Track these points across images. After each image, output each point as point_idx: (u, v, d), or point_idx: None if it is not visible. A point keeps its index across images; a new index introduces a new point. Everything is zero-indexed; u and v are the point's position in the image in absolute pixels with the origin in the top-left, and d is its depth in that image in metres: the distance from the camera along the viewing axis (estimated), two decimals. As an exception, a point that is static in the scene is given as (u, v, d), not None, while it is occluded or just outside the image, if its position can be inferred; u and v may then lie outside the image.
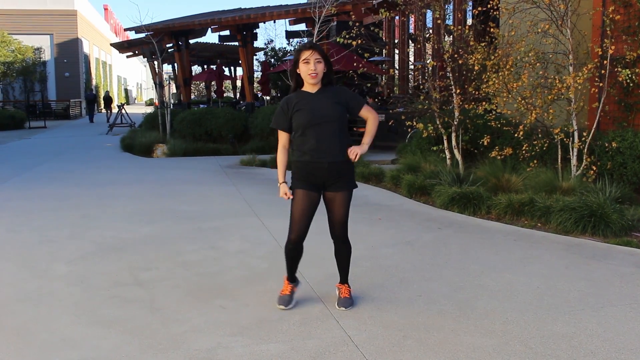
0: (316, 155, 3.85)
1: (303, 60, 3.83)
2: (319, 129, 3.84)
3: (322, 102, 3.87)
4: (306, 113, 3.84)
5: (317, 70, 3.82)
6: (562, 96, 7.61)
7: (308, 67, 3.82)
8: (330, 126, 3.85)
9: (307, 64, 3.82)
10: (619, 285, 4.56)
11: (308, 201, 3.89)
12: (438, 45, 9.27)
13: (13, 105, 31.02)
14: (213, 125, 15.12)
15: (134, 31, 19.19)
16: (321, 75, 3.86)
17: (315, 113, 3.84)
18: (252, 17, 16.60)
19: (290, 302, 4.10)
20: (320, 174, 3.88)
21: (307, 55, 3.81)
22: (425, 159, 9.49)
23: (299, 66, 3.87)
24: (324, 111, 3.85)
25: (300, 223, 3.90)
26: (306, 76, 3.85)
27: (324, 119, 3.84)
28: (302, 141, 3.88)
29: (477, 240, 5.91)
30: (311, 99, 3.89)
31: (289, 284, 4.17)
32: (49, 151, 15.51)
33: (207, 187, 9.29)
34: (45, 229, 6.50)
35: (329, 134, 3.84)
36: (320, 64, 3.84)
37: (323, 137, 3.84)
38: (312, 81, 3.85)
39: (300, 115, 3.85)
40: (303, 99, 3.90)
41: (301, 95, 3.92)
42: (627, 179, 7.28)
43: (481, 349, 3.44)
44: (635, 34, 8.01)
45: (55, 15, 35.17)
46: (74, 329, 3.77)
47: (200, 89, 45.31)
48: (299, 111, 3.86)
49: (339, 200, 3.95)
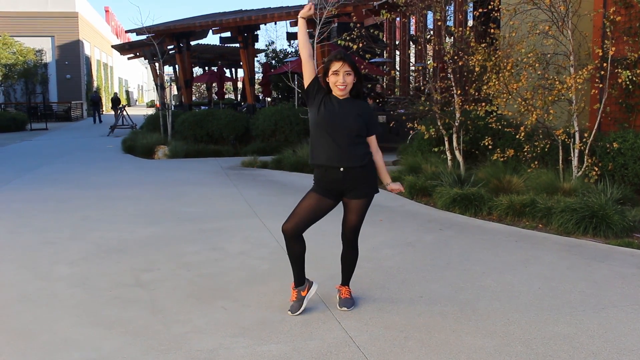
0: (331, 159, 3.83)
1: (332, 72, 3.83)
2: (335, 133, 3.82)
3: (345, 109, 3.86)
4: (326, 114, 3.83)
5: (345, 82, 3.81)
6: (563, 97, 7.61)
7: (337, 79, 3.82)
8: (346, 132, 3.82)
9: (336, 75, 3.82)
10: (621, 286, 4.56)
11: (318, 203, 3.88)
12: (439, 46, 9.28)
13: (14, 107, 31.06)
14: (214, 126, 15.13)
15: (135, 33, 19.20)
16: (350, 87, 3.86)
17: (336, 117, 3.82)
18: (253, 18, 16.61)
19: (300, 308, 4.03)
20: (336, 179, 3.86)
21: (337, 67, 3.80)
22: (426, 160, 9.49)
23: (329, 76, 3.86)
24: (343, 118, 3.83)
25: (299, 216, 3.86)
26: (334, 87, 3.85)
27: (342, 126, 3.82)
28: (316, 142, 3.89)
29: (478, 242, 5.92)
30: (337, 103, 3.87)
31: (294, 290, 4.09)
32: (51, 153, 15.53)
33: (209, 189, 9.30)
34: (46, 231, 6.51)
35: (345, 140, 3.82)
36: (350, 76, 3.83)
37: (339, 142, 3.82)
38: (340, 93, 3.86)
39: (322, 112, 3.84)
40: (329, 100, 3.89)
41: (330, 96, 3.92)
42: (628, 180, 7.28)
43: (482, 350, 3.44)
44: (636, 35, 8.01)
45: (56, 18, 35.23)
46: (75, 330, 3.77)
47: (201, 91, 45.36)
48: (324, 107, 3.85)
49: (353, 207, 3.95)
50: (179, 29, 18.68)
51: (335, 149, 3.82)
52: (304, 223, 3.88)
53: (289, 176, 10.77)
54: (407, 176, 8.70)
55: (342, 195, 3.94)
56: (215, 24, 17.67)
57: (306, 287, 4.08)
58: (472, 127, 9.43)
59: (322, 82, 3.96)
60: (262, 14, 17.10)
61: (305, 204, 3.88)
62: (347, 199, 3.94)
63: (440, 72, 9.33)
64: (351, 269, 4.18)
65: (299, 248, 3.94)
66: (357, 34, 9.77)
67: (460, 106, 8.79)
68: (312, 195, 3.91)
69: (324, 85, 3.96)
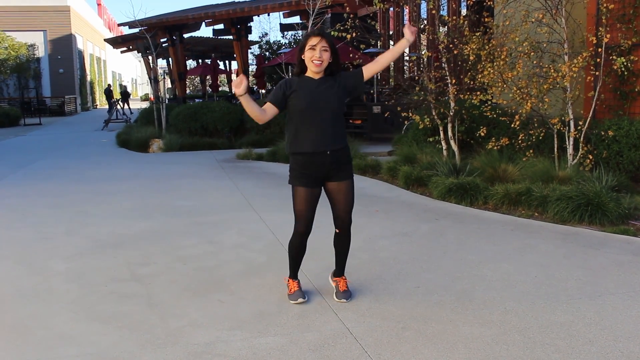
0: (317, 144, 3.77)
1: (309, 47, 3.74)
2: (319, 116, 3.77)
3: (322, 88, 3.80)
4: (306, 97, 3.76)
5: (322, 58, 3.73)
6: (558, 85, 7.61)
7: (314, 53, 3.73)
8: (330, 114, 3.79)
9: (312, 50, 3.74)
10: (617, 273, 4.57)
11: (311, 196, 3.84)
12: (433, 36, 9.25)
13: (7, 102, 30.91)
14: (209, 119, 15.08)
15: (127, 26, 19.12)
16: (326, 64, 3.78)
17: (314, 98, 3.76)
18: (246, 10, 16.54)
19: (305, 296, 4.07)
20: (322, 164, 3.81)
21: (315, 42, 3.73)
22: (421, 150, 9.49)
23: (304, 52, 3.78)
24: (324, 98, 3.78)
25: (307, 217, 3.86)
26: (310, 62, 3.76)
27: (324, 106, 3.77)
28: (300, 129, 3.80)
29: (474, 231, 5.92)
30: (312, 84, 3.80)
31: (294, 281, 4.13)
32: (45, 148, 15.46)
33: (204, 182, 9.28)
34: (42, 226, 6.49)
35: (328, 121, 3.79)
36: (327, 52, 3.75)
37: (323, 125, 3.78)
38: (315, 69, 3.77)
39: (299, 99, 3.76)
40: (304, 84, 3.81)
41: (303, 80, 3.84)
42: (623, 167, 7.29)
43: (480, 339, 3.44)
44: (629, 22, 8.00)
45: (48, 12, 34.99)
46: (72, 325, 3.76)
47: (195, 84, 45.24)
48: (298, 95, 3.77)
49: (345, 189, 3.90)
50: (171, 21, 18.60)
51: (320, 133, 3.77)
52: (312, 219, 3.89)
53: (284, 168, 10.74)
54: (402, 166, 8.69)
55: (325, 180, 3.89)
56: (208, 16, 17.60)
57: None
58: (467, 116, 9.42)
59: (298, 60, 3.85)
60: (255, 5, 17.03)
61: (303, 203, 3.84)
62: (334, 182, 3.89)
63: (435, 62, 9.32)
64: (346, 255, 4.16)
65: (304, 252, 4.04)
66: (351, 25, 9.73)
67: (454, 95, 8.78)
68: (301, 190, 3.83)
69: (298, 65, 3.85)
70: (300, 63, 3.85)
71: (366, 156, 10.23)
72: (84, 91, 39.15)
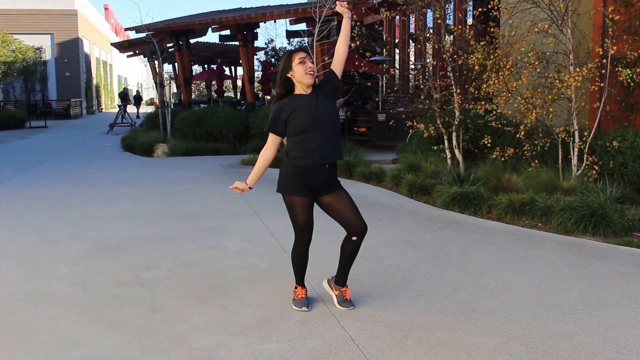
0: (318, 158, 3.80)
1: (299, 61, 3.80)
2: (321, 129, 3.80)
3: (318, 102, 3.85)
4: (306, 116, 3.78)
5: (313, 68, 3.82)
6: (563, 96, 7.61)
7: (305, 66, 3.79)
8: (331, 126, 3.84)
9: (303, 64, 3.80)
10: (620, 285, 4.55)
11: (310, 205, 3.88)
12: (438, 45, 9.27)
13: (14, 105, 31.03)
14: (214, 124, 15.11)
15: (134, 31, 19.17)
16: (316, 74, 3.86)
17: (315, 115, 3.80)
18: (253, 16, 16.59)
19: (310, 306, 4.08)
20: (319, 177, 3.85)
21: (303, 55, 3.81)
22: (425, 158, 9.49)
23: (293, 68, 3.82)
24: (323, 111, 3.83)
25: (310, 226, 3.90)
26: (304, 76, 3.80)
27: (325, 120, 3.82)
28: (304, 144, 3.81)
29: (477, 240, 5.91)
30: (308, 101, 3.84)
31: (303, 288, 4.13)
32: (50, 151, 15.51)
33: (208, 187, 9.29)
34: (45, 229, 6.51)
35: (329, 134, 3.83)
36: (313, 64, 3.86)
37: (324, 139, 3.81)
38: (310, 80, 3.82)
39: (300, 118, 3.79)
40: (299, 103, 3.84)
41: (296, 99, 3.86)
42: (628, 179, 7.28)
43: (482, 349, 3.44)
44: (636, 34, 8.01)
45: (55, 15, 35.17)
46: (74, 329, 3.77)
47: (200, 89, 45.34)
48: (298, 114, 3.80)
49: (344, 197, 3.93)
50: (178, 26, 18.67)
51: (321, 146, 3.80)
52: (312, 226, 3.93)
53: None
54: (406, 174, 8.69)
55: (316, 192, 3.91)
56: (215, 22, 17.64)
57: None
58: (472, 125, 9.43)
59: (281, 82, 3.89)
60: (262, 12, 17.08)
61: (304, 213, 3.86)
62: (329, 195, 3.91)
63: (440, 71, 9.33)
64: (353, 262, 4.12)
65: (307, 260, 4.05)
66: (357, 32, 9.75)
67: (459, 105, 8.79)
68: (300, 201, 3.85)
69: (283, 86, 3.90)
70: (285, 82, 3.88)
71: (370, 164, 10.23)
72: (90, 95, 39.29)
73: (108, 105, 45.63)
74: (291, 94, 3.90)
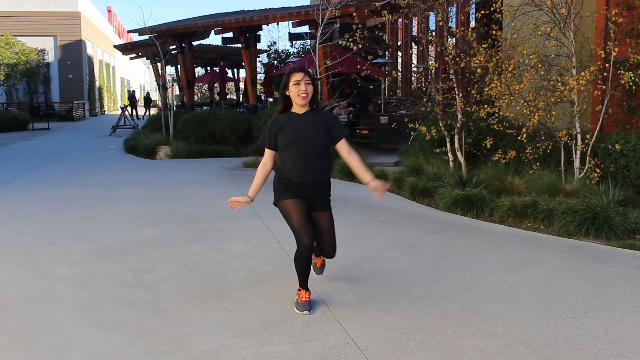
0: (301, 176, 3.95)
1: (294, 82, 3.94)
2: (303, 149, 3.93)
3: (308, 123, 3.98)
4: (292, 132, 3.94)
5: (307, 91, 3.93)
6: (565, 99, 7.61)
7: (299, 88, 3.93)
8: (314, 147, 3.95)
9: (297, 85, 3.93)
10: (623, 288, 4.55)
11: (302, 206, 3.97)
12: (441, 47, 9.28)
13: (17, 107, 31.07)
14: (216, 127, 15.13)
15: (137, 33, 19.20)
16: (311, 96, 3.98)
17: (300, 133, 3.94)
18: (255, 19, 16.61)
19: (311, 309, 4.09)
20: (303, 190, 3.99)
21: (300, 77, 3.93)
22: (428, 161, 9.49)
23: (289, 88, 3.97)
24: (309, 132, 3.95)
25: (307, 227, 3.91)
26: (296, 97, 3.95)
27: (309, 140, 3.94)
28: (286, 161, 3.98)
29: (480, 243, 5.91)
30: (298, 120, 4.00)
31: (307, 292, 4.13)
32: (53, 153, 15.54)
33: (210, 189, 9.30)
34: (48, 231, 6.52)
35: (314, 154, 3.95)
36: (310, 85, 3.96)
37: (308, 159, 3.94)
38: (302, 102, 3.96)
39: (286, 135, 3.95)
40: (290, 120, 4.00)
41: (288, 116, 4.03)
42: (630, 182, 7.27)
43: (484, 352, 3.43)
44: (638, 37, 8.01)
45: (58, 17, 35.25)
46: (77, 331, 3.78)
47: (203, 91, 45.37)
48: (285, 131, 3.96)
49: (325, 219, 4.07)
50: (181, 29, 18.69)
51: (304, 166, 3.94)
52: (312, 228, 3.96)
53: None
54: (408, 177, 8.70)
55: (308, 204, 4.03)
56: (218, 24, 17.67)
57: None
58: (474, 128, 9.43)
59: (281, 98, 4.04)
60: (264, 14, 17.10)
61: (298, 213, 3.94)
62: (316, 212, 4.06)
63: (442, 73, 9.33)
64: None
65: (311, 259, 4.10)
66: (360, 35, 9.76)
67: (462, 107, 8.79)
68: (290, 203, 3.98)
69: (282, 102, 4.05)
70: (285, 99, 4.04)
71: (372, 166, 10.23)
72: (93, 97, 39.35)
73: (111, 107, 45.69)
74: (289, 110, 4.07)
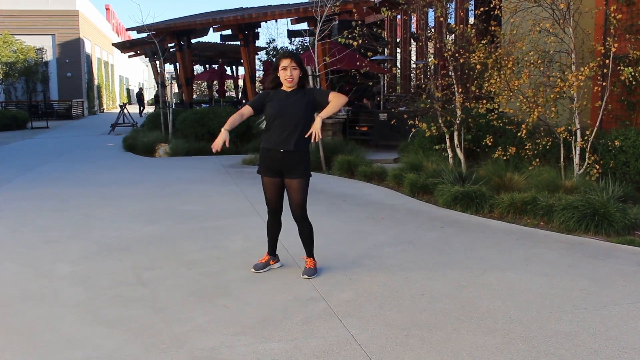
0: (275, 144, 4.53)
1: (281, 68, 4.55)
2: (284, 121, 4.52)
3: (292, 99, 4.58)
4: (276, 105, 4.56)
5: (292, 76, 4.55)
6: (565, 94, 7.60)
7: (285, 73, 4.55)
8: (294, 120, 4.51)
9: (284, 70, 4.55)
10: (622, 283, 4.55)
11: (273, 185, 4.66)
12: (440, 44, 9.27)
13: (15, 105, 31.02)
14: (215, 124, 15.07)
15: (135, 31, 19.15)
16: (297, 80, 4.59)
17: (283, 107, 4.55)
18: (254, 16, 16.59)
19: (263, 269, 4.86)
20: (276, 161, 4.56)
21: (286, 63, 4.54)
22: (427, 158, 9.48)
23: (279, 71, 4.58)
24: (291, 107, 4.54)
25: (273, 202, 4.72)
26: (283, 80, 4.59)
27: (290, 114, 4.52)
28: (269, 131, 4.60)
29: (479, 239, 5.91)
30: (284, 95, 4.62)
31: (267, 255, 4.93)
32: (52, 151, 15.52)
33: (210, 187, 9.29)
34: (48, 229, 6.51)
35: (291, 127, 4.51)
36: (296, 70, 4.56)
37: (285, 129, 4.51)
38: (288, 85, 4.61)
39: (271, 107, 4.57)
40: (278, 95, 4.63)
41: (277, 92, 4.66)
42: (630, 178, 7.27)
43: (484, 348, 3.44)
44: (638, 32, 8.01)
45: (57, 16, 35.17)
46: (77, 329, 3.78)
47: (202, 89, 45.35)
48: (272, 103, 4.59)
49: (294, 186, 4.60)
50: (179, 26, 18.67)
51: (280, 135, 4.53)
52: (277, 203, 4.72)
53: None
54: (408, 174, 8.69)
55: (282, 174, 4.61)
56: (216, 22, 17.64)
57: (275, 259, 4.97)
58: (474, 124, 9.42)
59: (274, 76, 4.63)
60: (263, 11, 17.08)
61: (268, 192, 4.70)
62: (288, 179, 4.62)
63: (442, 70, 9.32)
64: (310, 242, 4.76)
65: (277, 229, 4.88)
66: (359, 32, 9.75)
67: (461, 104, 8.78)
68: (265, 180, 4.69)
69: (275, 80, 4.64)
70: (275, 79, 4.66)
71: (372, 163, 10.23)
72: (92, 95, 39.30)
73: (110, 105, 45.64)
74: (279, 87, 4.69)
